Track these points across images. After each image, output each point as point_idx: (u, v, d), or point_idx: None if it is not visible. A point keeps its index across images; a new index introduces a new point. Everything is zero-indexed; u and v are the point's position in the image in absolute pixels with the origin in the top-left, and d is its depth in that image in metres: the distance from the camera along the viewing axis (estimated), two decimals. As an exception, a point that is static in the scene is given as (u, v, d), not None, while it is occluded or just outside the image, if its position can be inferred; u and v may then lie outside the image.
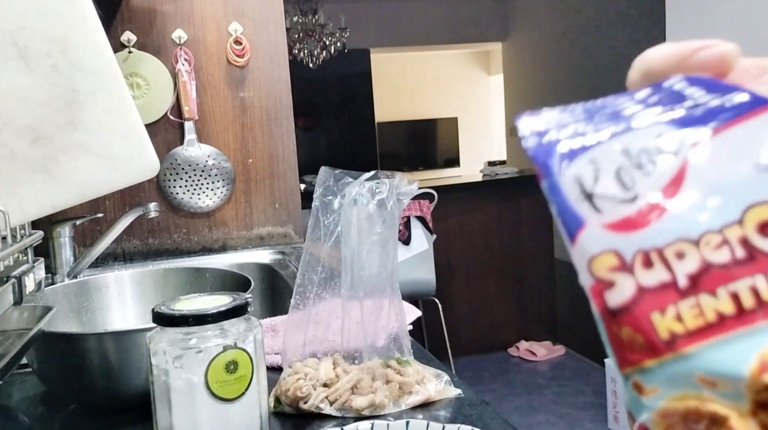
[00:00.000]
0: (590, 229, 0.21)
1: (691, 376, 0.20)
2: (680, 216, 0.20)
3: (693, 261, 0.20)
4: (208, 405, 0.61)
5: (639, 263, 0.20)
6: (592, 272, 0.21)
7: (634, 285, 0.20)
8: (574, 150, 0.21)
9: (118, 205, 1.65)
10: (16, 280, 0.71)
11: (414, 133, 7.69)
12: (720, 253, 0.20)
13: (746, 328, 0.19)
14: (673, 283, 0.20)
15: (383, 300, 0.78)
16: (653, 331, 0.20)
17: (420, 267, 2.94)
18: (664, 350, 0.20)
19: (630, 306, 0.20)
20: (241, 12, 1.71)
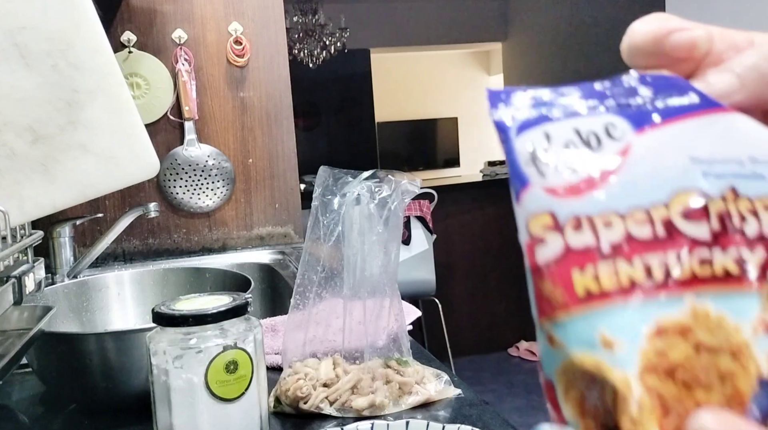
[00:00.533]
0: (533, 190, 0.23)
1: (595, 333, 0.22)
2: (614, 191, 0.22)
3: (618, 231, 0.22)
4: (208, 405, 0.61)
5: (570, 225, 0.22)
6: (528, 229, 0.23)
7: (562, 244, 0.22)
8: (530, 120, 0.24)
9: (118, 205, 1.65)
10: (16, 280, 0.71)
11: (414, 133, 7.69)
12: (642, 228, 0.22)
13: (652, 297, 0.22)
14: (596, 247, 0.22)
15: (383, 300, 0.78)
16: (571, 286, 0.22)
17: (420, 267, 2.94)
18: (578, 304, 0.22)
19: (555, 262, 0.23)
20: (241, 12, 1.71)
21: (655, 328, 0.21)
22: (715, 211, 0.22)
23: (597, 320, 0.22)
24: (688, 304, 0.22)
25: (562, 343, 0.23)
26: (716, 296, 0.22)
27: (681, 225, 0.22)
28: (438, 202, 2.99)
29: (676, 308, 0.22)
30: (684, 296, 0.22)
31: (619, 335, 0.22)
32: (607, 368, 0.22)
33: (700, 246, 0.22)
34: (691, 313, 0.22)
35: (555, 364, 0.23)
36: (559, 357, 0.23)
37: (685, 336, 0.21)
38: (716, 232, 0.22)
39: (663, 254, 0.22)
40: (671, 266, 0.22)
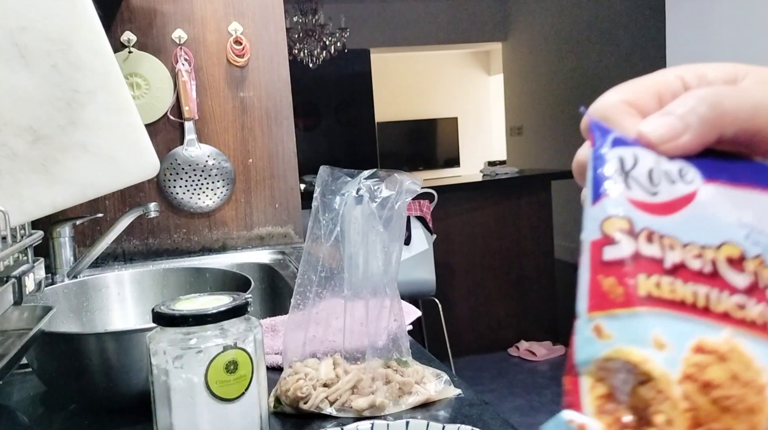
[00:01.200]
0: (616, 197, 0.26)
1: (649, 333, 0.24)
2: (680, 222, 0.26)
3: (677, 255, 0.25)
4: (208, 405, 0.61)
5: (644, 236, 0.26)
6: (602, 228, 0.26)
7: (634, 248, 0.25)
8: (624, 140, 0.27)
9: (118, 205, 1.65)
10: (16, 280, 0.71)
11: (414, 133, 7.69)
12: (695, 261, 0.26)
13: (698, 318, 0.25)
14: (661, 261, 0.25)
15: (384, 300, 0.78)
16: (635, 286, 0.25)
17: (420, 267, 2.94)
18: (638, 303, 0.25)
19: (624, 262, 0.25)
20: (241, 12, 1.71)
21: (697, 344, 0.24)
22: (752, 268, 0.26)
23: (654, 321, 0.24)
24: (726, 336, 0.25)
25: (612, 335, 0.25)
26: (748, 338, 0.25)
27: (724, 269, 0.25)
28: (438, 202, 2.99)
29: (716, 336, 0.25)
30: (723, 328, 0.25)
31: (670, 339, 0.24)
32: (654, 364, 0.24)
33: (738, 292, 0.25)
34: (727, 344, 0.24)
35: (594, 354, 0.25)
36: (602, 348, 0.25)
37: (723, 362, 0.24)
38: (751, 285, 0.25)
39: (708, 288, 0.25)
40: (713, 299, 0.25)
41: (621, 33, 4.83)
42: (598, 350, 0.25)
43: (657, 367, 0.24)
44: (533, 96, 6.35)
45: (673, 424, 0.24)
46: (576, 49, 5.59)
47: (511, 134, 6.86)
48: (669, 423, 0.24)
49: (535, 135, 6.35)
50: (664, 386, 0.24)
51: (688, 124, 0.26)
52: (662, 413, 0.24)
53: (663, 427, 0.24)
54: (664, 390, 0.24)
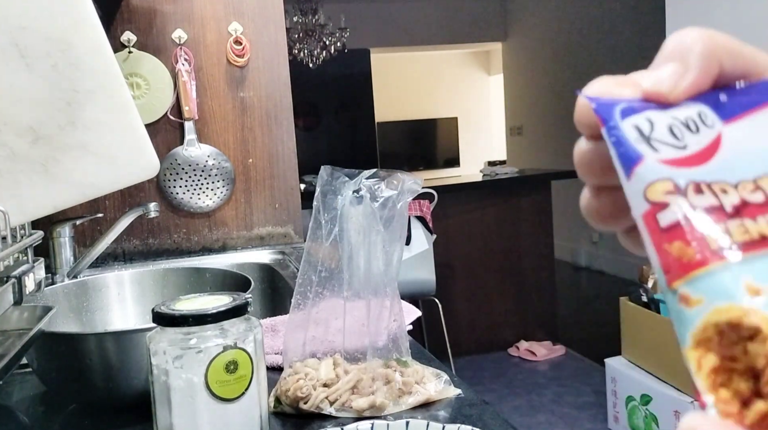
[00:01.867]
0: (648, 162, 0.25)
1: (740, 283, 0.22)
2: (720, 166, 0.24)
3: (734, 197, 0.24)
4: (208, 405, 0.61)
5: (691, 189, 0.24)
6: (647, 197, 0.24)
7: (687, 204, 0.24)
8: (633, 108, 0.26)
9: (118, 205, 1.65)
10: (16, 280, 0.71)
11: (414, 133, 7.69)
12: (755, 194, 0.24)
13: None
14: (720, 207, 0.23)
15: (384, 300, 0.78)
16: (705, 241, 0.23)
17: (420, 267, 2.94)
18: (715, 258, 0.23)
19: (683, 222, 0.24)
20: (241, 12, 1.71)
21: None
22: None
23: (740, 270, 0.22)
24: None
25: (702, 299, 0.23)
26: None
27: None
28: (438, 202, 2.99)
29: None
30: None
31: (764, 282, 0.22)
32: (757, 314, 0.22)
33: None
34: None
35: (691, 326, 0.23)
36: (696, 316, 0.23)
37: None
38: None
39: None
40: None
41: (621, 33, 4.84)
42: (692, 322, 0.23)
43: (762, 315, 0.22)
44: (533, 96, 6.35)
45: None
46: (576, 49, 5.59)
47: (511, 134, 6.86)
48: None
49: (535, 135, 6.35)
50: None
51: (689, 64, 0.25)
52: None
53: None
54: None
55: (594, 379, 3.30)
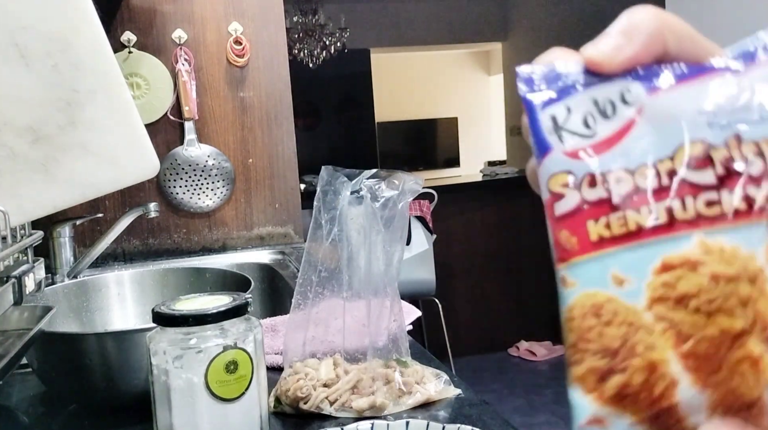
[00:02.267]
0: (554, 154, 0.27)
1: (607, 273, 0.25)
2: (624, 151, 0.26)
3: (627, 185, 0.25)
4: (208, 405, 0.61)
5: (586, 182, 0.26)
6: (549, 188, 0.26)
7: (578, 198, 0.26)
8: (554, 97, 0.27)
9: (118, 206, 1.65)
10: (16, 280, 0.71)
11: (414, 133, 7.69)
12: (649, 180, 0.25)
13: (658, 237, 0.25)
14: (608, 200, 0.25)
15: (384, 300, 0.78)
16: (586, 233, 0.26)
17: (420, 267, 2.94)
18: (591, 248, 0.25)
19: (572, 214, 0.26)
20: (241, 12, 1.71)
21: (661, 264, 0.24)
22: (719, 158, 0.25)
23: (609, 262, 0.25)
24: (697, 241, 0.24)
25: (575, 282, 0.26)
26: (727, 230, 0.24)
27: (685, 174, 0.25)
28: (438, 202, 2.99)
29: (684, 246, 0.24)
30: (692, 234, 0.24)
31: (628, 273, 0.25)
32: (618, 301, 0.25)
33: (707, 190, 0.24)
34: (700, 248, 0.24)
35: (564, 304, 0.26)
36: (569, 297, 0.26)
37: (696, 269, 0.24)
38: (721, 176, 0.25)
39: (668, 201, 0.25)
40: (676, 210, 0.25)
41: (621, 33, 4.82)
42: (566, 299, 0.26)
43: (621, 303, 0.25)
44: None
45: (655, 347, 0.24)
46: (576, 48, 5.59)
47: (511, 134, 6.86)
48: (650, 348, 0.24)
49: (535, 135, 6.34)
50: (632, 318, 0.24)
51: (632, 37, 0.26)
52: (640, 342, 0.24)
53: (646, 353, 0.24)
54: (633, 322, 0.24)
55: (594, 379, 3.30)
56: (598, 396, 0.26)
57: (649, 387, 0.24)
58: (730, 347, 0.24)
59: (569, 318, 0.26)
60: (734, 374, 0.24)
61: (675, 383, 0.24)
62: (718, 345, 0.24)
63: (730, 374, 0.24)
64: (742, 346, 0.24)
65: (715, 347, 0.24)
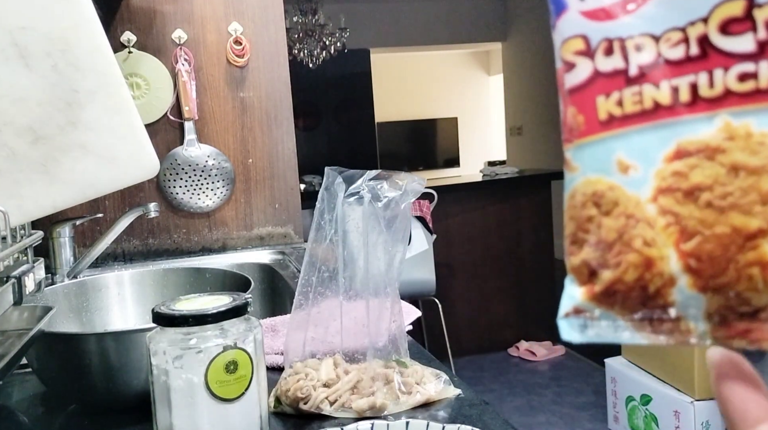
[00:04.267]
0: (570, 14, 0.23)
1: (612, 157, 0.22)
2: (651, 12, 0.22)
3: (649, 54, 0.22)
4: (208, 405, 0.61)
5: (601, 50, 0.22)
6: (561, 55, 0.23)
7: (591, 69, 0.22)
8: None
9: (118, 205, 1.65)
10: (16, 280, 0.71)
11: (414, 133, 7.68)
12: (676, 49, 0.21)
13: (676, 118, 0.21)
14: (624, 71, 0.22)
15: (385, 301, 0.78)
16: (594, 112, 0.22)
17: (420, 267, 2.94)
18: (599, 129, 0.22)
19: (582, 87, 0.23)
20: (241, 12, 1.71)
21: (675, 149, 0.21)
22: (764, 18, 0.20)
23: (615, 144, 0.22)
24: (721, 123, 0.21)
25: (578, 167, 0.23)
26: (760, 112, 0.20)
27: (718, 41, 0.21)
28: (438, 202, 2.99)
29: (704, 129, 0.21)
30: (716, 115, 0.21)
31: (635, 158, 0.22)
32: (621, 190, 0.22)
33: (743, 60, 0.20)
34: (724, 132, 0.21)
35: (566, 190, 0.24)
36: (571, 182, 0.23)
37: (714, 157, 0.21)
38: (763, 41, 0.20)
39: (694, 75, 0.21)
40: (701, 85, 0.21)
41: (621, 33, 4.82)
42: (569, 184, 0.23)
43: (622, 192, 0.22)
44: (533, 96, 6.35)
45: (655, 243, 0.21)
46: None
47: (511, 134, 6.86)
48: (648, 244, 0.22)
49: (535, 135, 6.35)
50: (633, 210, 0.22)
51: None
52: (638, 237, 0.22)
53: (642, 249, 0.22)
54: (634, 213, 0.22)
55: (594, 379, 3.30)
56: (587, 290, 0.23)
57: (642, 285, 0.22)
58: (741, 247, 0.20)
59: (570, 206, 0.23)
60: (741, 277, 0.21)
61: (672, 282, 0.21)
62: (728, 245, 0.21)
63: (737, 277, 0.21)
64: (755, 248, 0.20)
65: (723, 247, 0.21)
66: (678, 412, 2.26)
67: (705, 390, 2.20)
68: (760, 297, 0.21)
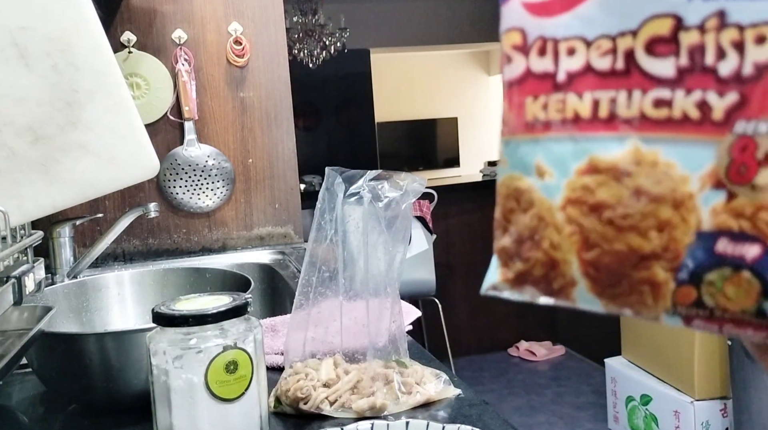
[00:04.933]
0: (513, 3, 0.23)
1: (533, 160, 0.23)
2: (587, 14, 0.21)
3: (578, 60, 0.22)
4: (208, 405, 0.61)
5: (535, 48, 0.22)
6: (503, 46, 0.23)
7: (524, 67, 0.23)
8: None
9: (118, 205, 1.65)
10: (16, 280, 0.71)
11: (414, 133, 7.69)
12: (603, 60, 0.21)
13: (592, 133, 0.22)
14: (553, 75, 0.22)
15: (385, 301, 0.78)
16: (522, 111, 0.23)
17: (420, 267, 2.94)
18: (524, 129, 0.23)
19: (516, 83, 0.23)
20: (241, 12, 1.71)
21: (587, 164, 0.22)
22: (688, 43, 0.20)
23: (536, 148, 0.23)
24: (631, 146, 0.21)
25: (506, 161, 0.24)
26: (668, 141, 0.20)
27: (642, 59, 0.20)
28: (438, 202, 2.99)
29: (616, 149, 0.21)
30: (628, 137, 0.21)
31: (552, 165, 0.23)
32: (536, 193, 0.23)
33: (661, 85, 0.20)
34: (633, 156, 0.21)
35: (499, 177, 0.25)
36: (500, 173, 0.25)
37: (621, 179, 0.21)
38: (683, 68, 0.20)
39: (614, 92, 0.21)
40: (620, 104, 0.21)
41: (621, 33, 4.82)
42: (499, 174, 0.25)
43: (537, 195, 0.23)
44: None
45: (560, 248, 0.23)
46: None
47: (511, 134, 6.85)
48: (554, 247, 0.23)
49: (535, 135, 6.34)
50: (544, 214, 0.23)
51: None
52: (546, 239, 0.23)
53: (549, 251, 0.23)
54: (545, 217, 0.23)
55: (594, 379, 3.30)
56: (503, 273, 0.26)
57: (547, 281, 0.24)
58: (635, 266, 0.21)
59: (498, 193, 0.25)
60: (634, 291, 0.22)
61: (573, 283, 0.23)
62: (623, 261, 0.22)
63: (629, 290, 0.22)
64: (647, 268, 0.21)
65: (619, 262, 0.22)
66: (678, 412, 2.26)
67: (705, 390, 2.20)
68: (650, 311, 0.22)
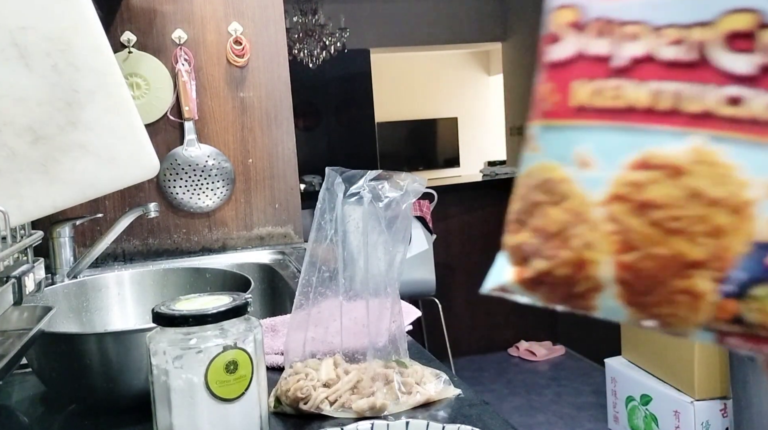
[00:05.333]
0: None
1: (573, 149, 0.21)
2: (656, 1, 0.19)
3: (642, 46, 0.19)
4: (208, 405, 0.61)
5: (594, 28, 0.20)
6: (549, 23, 0.21)
7: (576, 48, 0.20)
8: None
9: (118, 205, 1.65)
10: (16, 280, 0.71)
11: (414, 133, 7.68)
12: (671, 49, 0.19)
13: (647, 126, 0.19)
14: (608, 59, 0.20)
15: (385, 301, 0.78)
16: (567, 95, 0.21)
17: (420, 267, 2.94)
18: (568, 115, 0.21)
19: (563, 65, 0.21)
20: (241, 12, 1.71)
21: (639, 158, 0.20)
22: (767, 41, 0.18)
23: (580, 136, 0.21)
24: (692, 144, 0.19)
25: (539, 148, 0.22)
26: (737, 142, 0.18)
27: (718, 53, 0.18)
28: (438, 202, 2.99)
29: (674, 145, 0.19)
30: (691, 134, 0.19)
31: (598, 156, 0.20)
32: (573, 185, 0.21)
33: (735, 82, 0.18)
34: (693, 154, 0.19)
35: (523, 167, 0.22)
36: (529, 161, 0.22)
37: (677, 178, 0.19)
38: (763, 67, 0.18)
39: (680, 84, 0.19)
40: (686, 97, 0.19)
41: (621, 33, 4.82)
42: (527, 163, 0.22)
43: (575, 187, 0.21)
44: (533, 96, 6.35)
45: (594, 247, 0.20)
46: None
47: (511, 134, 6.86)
48: (588, 247, 0.21)
49: (535, 135, 6.34)
50: (581, 208, 0.21)
51: None
52: (578, 236, 0.21)
53: (580, 250, 0.21)
54: (581, 212, 0.21)
55: (594, 379, 3.30)
56: (518, 273, 0.23)
57: (570, 284, 0.21)
58: (676, 273, 0.20)
59: (522, 184, 0.22)
60: (669, 301, 0.20)
61: (598, 288, 0.21)
62: (665, 267, 0.20)
63: (664, 300, 0.20)
64: (689, 277, 0.19)
65: (660, 268, 0.20)
66: (678, 412, 2.26)
67: (705, 390, 2.20)
68: (682, 324, 0.20)
